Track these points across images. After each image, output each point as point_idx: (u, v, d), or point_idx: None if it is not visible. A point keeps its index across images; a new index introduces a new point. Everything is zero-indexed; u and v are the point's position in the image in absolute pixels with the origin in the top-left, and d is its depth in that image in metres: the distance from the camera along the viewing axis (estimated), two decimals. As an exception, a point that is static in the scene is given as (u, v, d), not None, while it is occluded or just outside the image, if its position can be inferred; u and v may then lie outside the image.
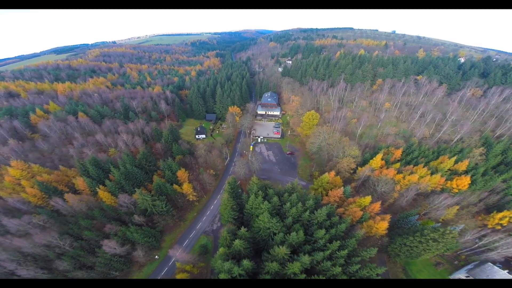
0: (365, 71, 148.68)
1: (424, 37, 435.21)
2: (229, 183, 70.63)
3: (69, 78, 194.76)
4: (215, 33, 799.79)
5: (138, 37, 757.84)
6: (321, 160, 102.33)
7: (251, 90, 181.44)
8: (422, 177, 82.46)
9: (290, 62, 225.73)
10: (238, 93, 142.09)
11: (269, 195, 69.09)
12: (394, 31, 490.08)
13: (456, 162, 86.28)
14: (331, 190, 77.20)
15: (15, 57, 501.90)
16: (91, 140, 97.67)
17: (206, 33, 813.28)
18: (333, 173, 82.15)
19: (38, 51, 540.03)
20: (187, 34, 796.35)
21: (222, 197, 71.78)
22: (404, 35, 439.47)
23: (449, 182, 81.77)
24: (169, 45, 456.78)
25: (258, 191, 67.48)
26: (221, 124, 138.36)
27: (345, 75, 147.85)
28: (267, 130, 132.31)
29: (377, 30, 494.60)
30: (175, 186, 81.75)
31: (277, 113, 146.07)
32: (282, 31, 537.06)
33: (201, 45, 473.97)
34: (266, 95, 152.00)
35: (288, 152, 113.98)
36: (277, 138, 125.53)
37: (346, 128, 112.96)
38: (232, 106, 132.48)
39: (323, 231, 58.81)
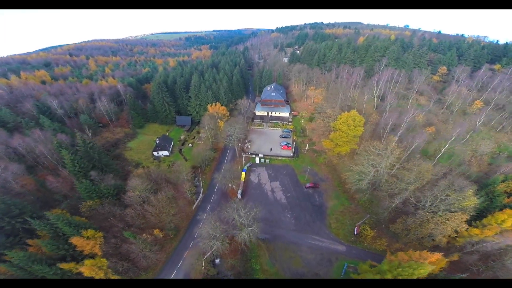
0: (418, 56, 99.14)
1: (439, 31, 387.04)
2: None
3: (4, 74, 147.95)
4: (214, 31, 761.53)
5: (136, 36, 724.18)
6: (377, 206, 52.73)
7: (247, 84, 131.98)
8: None
9: (298, 51, 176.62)
10: (225, 83, 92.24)
11: None
12: (407, 26, 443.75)
13: None
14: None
15: (7, 56, 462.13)
16: None
17: (204, 31, 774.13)
18: (437, 256, 33.53)
19: (31, 50, 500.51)
20: (185, 32, 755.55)
21: None
22: (419, 29, 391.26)
23: None
24: (160, 40, 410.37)
25: None
26: (198, 132, 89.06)
27: (387, 60, 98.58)
28: (270, 142, 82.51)
29: (388, 25, 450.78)
30: (65, 265, 37.33)
31: (285, 114, 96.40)
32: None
33: (196, 40, 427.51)
34: (269, 88, 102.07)
35: (308, 185, 64.12)
36: (288, 157, 75.68)
37: (419, 145, 62.77)
38: (213, 104, 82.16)
39: None
